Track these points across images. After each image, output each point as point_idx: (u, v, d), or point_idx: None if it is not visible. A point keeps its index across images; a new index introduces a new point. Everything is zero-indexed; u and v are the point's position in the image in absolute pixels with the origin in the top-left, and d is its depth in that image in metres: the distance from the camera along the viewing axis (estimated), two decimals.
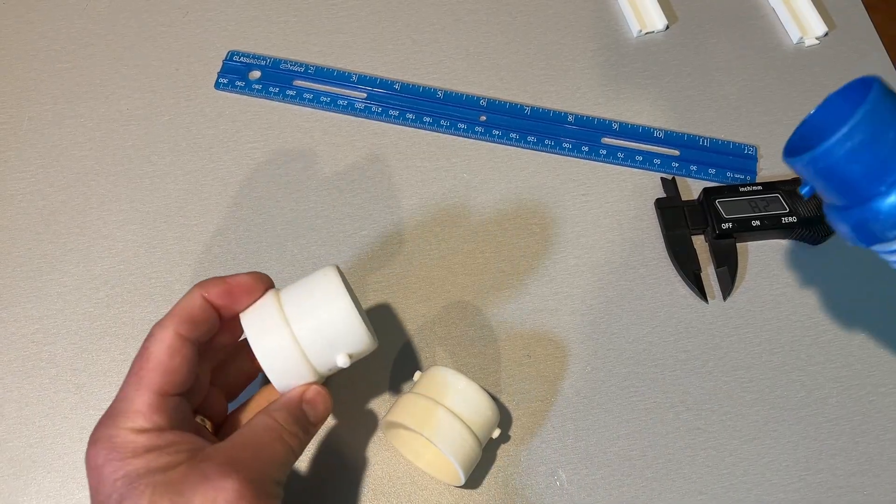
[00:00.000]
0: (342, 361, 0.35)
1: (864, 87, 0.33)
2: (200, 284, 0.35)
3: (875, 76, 0.33)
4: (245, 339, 0.36)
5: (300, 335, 0.34)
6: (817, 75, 0.54)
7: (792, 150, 0.35)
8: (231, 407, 0.39)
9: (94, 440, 0.31)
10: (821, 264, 0.48)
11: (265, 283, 0.36)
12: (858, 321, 0.46)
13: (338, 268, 0.36)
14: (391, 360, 0.44)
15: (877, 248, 0.34)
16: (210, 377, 0.37)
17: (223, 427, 0.37)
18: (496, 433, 0.39)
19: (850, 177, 0.32)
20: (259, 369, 0.38)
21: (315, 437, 0.40)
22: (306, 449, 0.36)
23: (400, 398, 0.39)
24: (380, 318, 0.45)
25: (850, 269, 0.48)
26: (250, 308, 0.35)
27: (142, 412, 0.31)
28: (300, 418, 0.34)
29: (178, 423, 0.32)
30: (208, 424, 0.36)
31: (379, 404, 0.43)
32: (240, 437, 0.33)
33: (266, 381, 0.40)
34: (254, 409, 0.37)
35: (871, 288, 0.47)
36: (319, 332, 0.34)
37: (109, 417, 0.32)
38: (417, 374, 0.40)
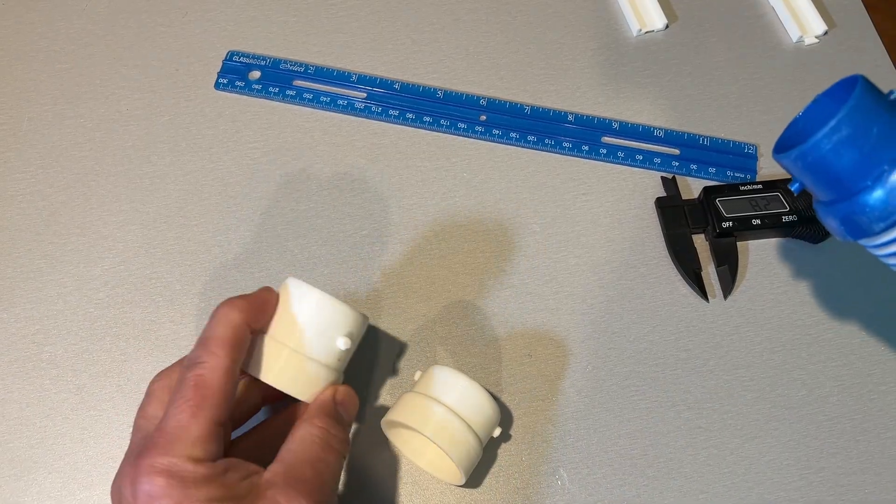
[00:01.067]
0: (342, 343, 0.35)
1: (850, 85, 0.34)
2: (233, 305, 0.34)
3: (859, 74, 0.33)
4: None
5: (297, 344, 0.35)
6: (817, 74, 0.54)
7: (782, 149, 0.36)
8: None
9: (146, 468, 0.30)
10: (821, 263, 0.48)
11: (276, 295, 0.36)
12: (859, 320, 0.46)
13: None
14: (391, 359, 0.44)
15: (865, 241, 0.35)
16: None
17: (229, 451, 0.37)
18: (497, 432, 0.39)
19: (836, 171, 0.33)
20: (263, 402, 0.39)
21: None
22: None
23: (400, 397, 0.39)
24: (380, 318, 0.45)
25: (851, 267, 0.48)
26: None
27: (201, 441, 0.30)
28: (340, 419, 0.35)
29: (224, 451, 0.32)
30: None
31: (379, 404, 0.43)
32: (291, 454, 0.32)
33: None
34: (258, 433, 0.38)
35: (871, 286, 0.47)
36: (311, 329, 0.35)
37: (162, 445, 0.30)
38: (418, 374, 0.40)
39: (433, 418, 0.37)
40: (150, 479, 0.29)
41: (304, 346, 0.35)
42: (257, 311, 0.34)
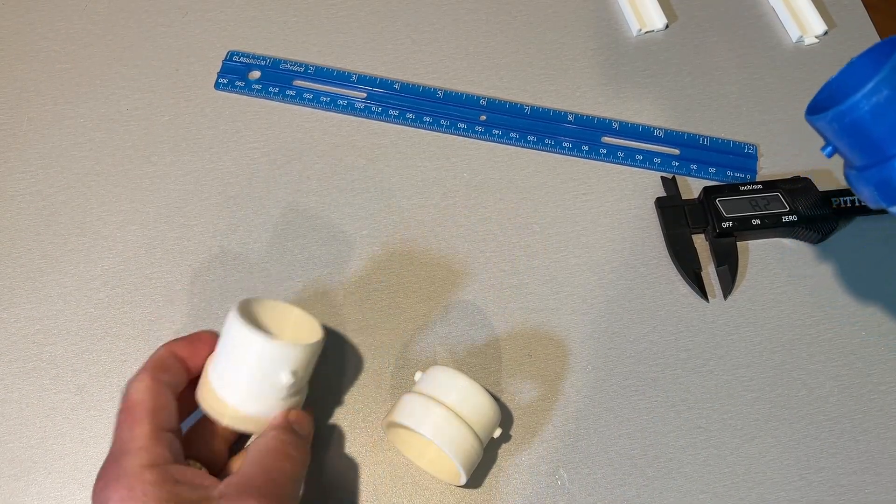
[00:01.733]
0: (286, 379, 0.35)
1: (888, 48, 0.33)
2: (165, 343, 0.37)
3: None
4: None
5: (241, 398, 0.36)
6: (817, 74, 0.54)
7: (814, 112, 0.35)
8: None
9: (102, 486, 0.32)
10: (821, 263, 0.48)
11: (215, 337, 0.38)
12: (859, 319, 0.47)
13: (242, 304, 0.37)
14: (391, 360, 0.44)
15: None
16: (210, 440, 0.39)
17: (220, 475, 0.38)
18: (497, 433, 0.39)
19: (874, 134, 0.32)
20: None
21: (315, 437, 0.40)
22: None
23: (400, 398, 0.39)
24: (380, 318, 0.45)
25: (851, 267, 0.48)
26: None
27: (145, 447, 0.33)
28: (294, 432, 0.36)
29: (179, 459, 0.34)
30: (204, 470, 0.36)
31: (379, 404, 0.43)
32: (246, 465, 0.34)
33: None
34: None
35: (871, 287, 0.47)
36: (250, 378, 0.35)
37: (112, 461, 0.33)
38: (418, 375, 0.40)
39: (433, 419, 0.37)
40: (105, 493, 0.32)
41: (247, 396, 0.36)
42: (192, 343, 0.37)
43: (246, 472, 0.34)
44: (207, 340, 0.38)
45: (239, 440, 0.40)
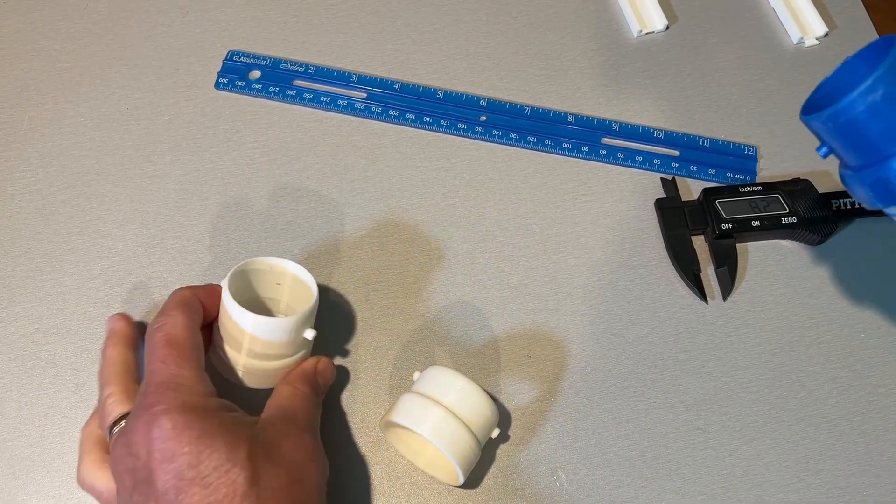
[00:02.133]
0: (310, 335, 0.39)
1: (885, 45, 0.33)
2: (182, 287, 0.39)
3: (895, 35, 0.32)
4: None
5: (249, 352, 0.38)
6: (817, 75, 0.54)
7: (810, 111, 0.35)
8: None
9: (159, 413, 0.32)
10: (820, 265, 0.48)
11: None
12: (858, 322, 0.46)
13: (233, 274, 0.38)
14: (390, 360, 0.44)
15: (894, 209, 0.34)
16: None
17: None
18: (495, 433, 0.40)
19: (869, 133, 0.32)
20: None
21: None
22: None
23: (399, 398, 0.39)
24: (379, 319, 0.45)
25: (850, 269, 0.48)
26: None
27: (198, 383, 0.34)
28: (315, 385, 0.39)
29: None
30: None
31: (378, 404, 0.43)
32: (271, 403, 0.37)
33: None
34: None
35: (870, 288, 0.47)
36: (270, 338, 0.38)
37: (165, 392, 0.33)
38: (416, 375, 0.40)
39: (431, 419, 0.37)
40: (168, 418, 0.31)
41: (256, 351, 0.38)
42: (208, 293, 0.39)
43: (275, 406, 0.37)
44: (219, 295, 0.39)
45: None
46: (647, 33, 0.55)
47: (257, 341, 0.37)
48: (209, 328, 0.40)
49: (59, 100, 0.51)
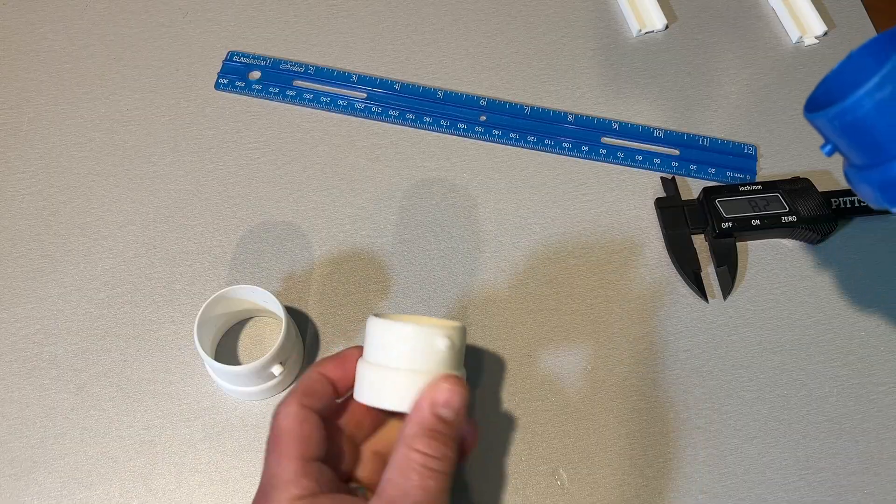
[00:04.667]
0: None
1: (891, 39, 0.31)
2: (314, 363, 0.37)
3: None
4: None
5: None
6: (817, 75, 0.54)
7: (813, 108, 0.34)
8: None
9: None
10: (821, 263, 0.48)
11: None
12: (858, 320, 0.47)
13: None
14: None
15: None
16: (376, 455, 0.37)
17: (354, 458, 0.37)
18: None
19: (876, 133, 0.31)
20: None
21: None
22: None
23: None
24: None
25: (850, 267, 0.48)
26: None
27: (291, 480, 0.32)
28: (439, 432, 0.32)
29: (327, 487, 0.33)
30: (368, 493, 0.36)
31: None
32: (389, 484, 0.32)
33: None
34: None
35: (870, 287, 0.47)
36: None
37: (262, 496, 0.33)
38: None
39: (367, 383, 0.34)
40: None
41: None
42: (338, 364, 0.36)
43: (387, 493, 0.31)
44: (356, 356, 0.36)
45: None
46: (646, 33, 0.56)
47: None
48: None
49: (59, 100, 0.51)
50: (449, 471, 0.32)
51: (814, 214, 0.47)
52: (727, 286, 0.47)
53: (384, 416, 0.37)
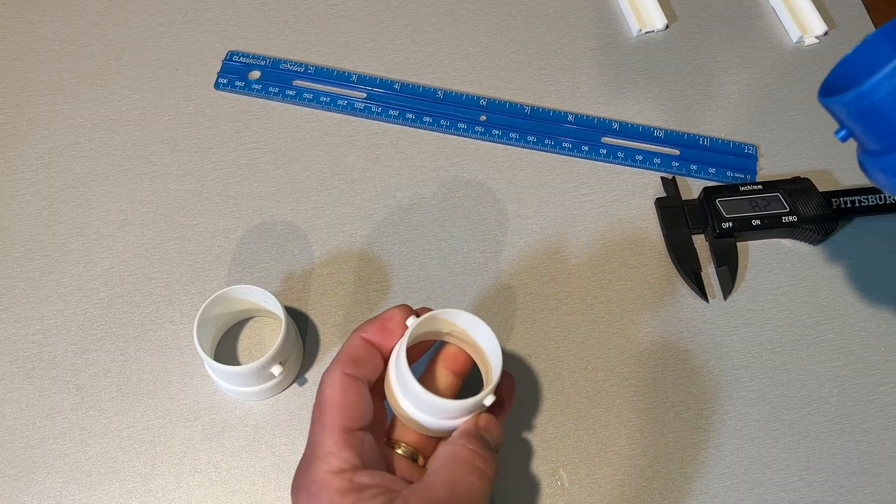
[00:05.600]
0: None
1: None
2: (357, 328, 0.36)
3: None
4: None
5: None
6: (817, 74, 0.54)
7: (828, 92, 0.33)
8: None
9: (294, 489, 0.33)
10: (821, 263, 0.48)
11: (408, 313, 0.36)
12: (859, 320, 0.46)
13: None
14: None
15: None
16: None
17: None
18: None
19: (893, 117, 0.30)
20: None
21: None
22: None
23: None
24: None
25: (851, 267, 0.48)
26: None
27: (333, 452, 0.32)
28: (486, 440, 0.34)
29: (369, 457, 0.33)
30: (420, 459, 0.36)
31: None
32: (433, 474, 0.32)
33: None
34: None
35: (871, 287, 0.47)
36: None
37: (304, 465, 0.33)
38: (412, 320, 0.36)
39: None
40: (295, 498, 0.32)
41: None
42: (384, 328, 0.35)
43: (431, 481, 0.32)
44: (399, 320, 0.36)
45: None
46: (646, 32, 0.55)
47: None
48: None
49: (59, 100, 0.51)
50: (493, 477, 0.33)
51: (814, 214, 0.47)
52: (727, 286, 0.47)
53: (431, 378, 0.37)
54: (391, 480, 0.32)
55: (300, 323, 0.45)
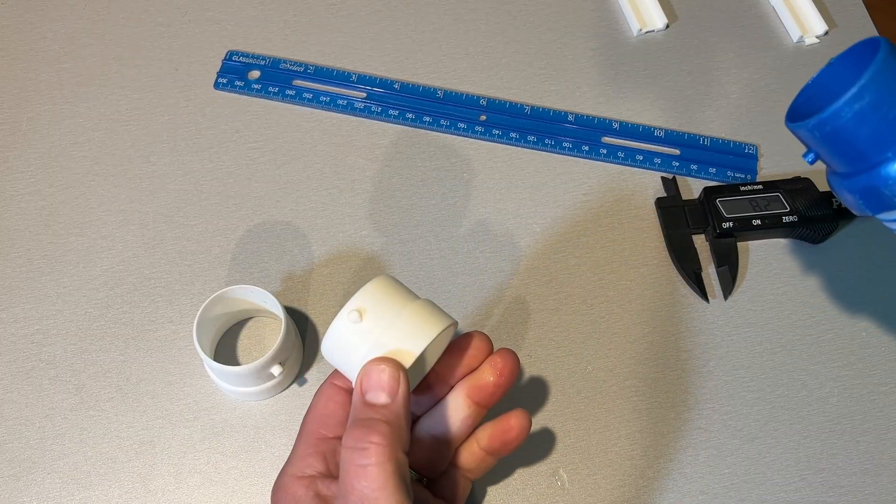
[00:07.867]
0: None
1: (870, 48, 0.32)
2: None
3: (881, 37, 0.31)
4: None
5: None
6: None
7: (795, 117, 0.34)
8: None
9: (273, 488, 0.34)
10: (821, 263, 0.48)
11: None
12: (859, 320, 0.46)
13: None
14: None
15: (884, 216, 0.33)
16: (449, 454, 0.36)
17: (441, 481, 0.37)
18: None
19: (857, 141, 0.31)
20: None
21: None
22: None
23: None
24: None
25: (851, 267, 0.48)
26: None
27: (300, 457, 0.33)
28: (369, 419, 0.30)
29: (338, 468, 0.31)
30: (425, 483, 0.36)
31: None
32: (339, 486, 0.30)
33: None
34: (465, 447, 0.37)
35: (871, 287, 0.47)
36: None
37: (283, 467, 0.34)
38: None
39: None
40: (272, 497, 0.34)
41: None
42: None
43: (340, 494, 0.30)
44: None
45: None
46: (647, 32, 0.55)
47: None
48: None
49: (59, 100, 0.51)
50: (381, 461, 0.28)
51: (815, 214, 0.47)
52: (728, 286, 0.47)
53: (436, 397, 0.36)
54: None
55: (300, 323, 0.45)
